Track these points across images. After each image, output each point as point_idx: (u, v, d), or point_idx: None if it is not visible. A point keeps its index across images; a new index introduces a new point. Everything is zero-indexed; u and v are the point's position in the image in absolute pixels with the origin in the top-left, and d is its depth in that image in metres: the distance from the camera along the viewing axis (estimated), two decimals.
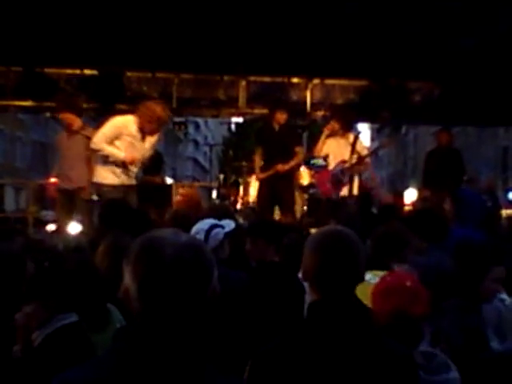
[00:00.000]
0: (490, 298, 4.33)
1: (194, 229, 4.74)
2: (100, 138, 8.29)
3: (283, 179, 9.75)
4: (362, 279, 2.87)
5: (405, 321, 3.16)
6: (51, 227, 9.85)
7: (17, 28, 9.83)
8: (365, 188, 10.73)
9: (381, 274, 3.67)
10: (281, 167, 9.77)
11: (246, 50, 10.23)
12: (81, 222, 8.29)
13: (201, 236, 4.58)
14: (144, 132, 8.35)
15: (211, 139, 72.91)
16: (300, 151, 10.30)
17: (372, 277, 3.65)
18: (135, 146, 8.33)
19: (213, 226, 4.72)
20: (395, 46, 10.08)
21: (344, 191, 9.78)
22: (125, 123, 8.38)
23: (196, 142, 74.08)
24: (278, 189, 9.71)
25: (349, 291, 2.79)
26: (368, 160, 10.11)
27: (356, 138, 10.03)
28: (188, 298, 1.96)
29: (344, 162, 9.88)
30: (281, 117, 9.88)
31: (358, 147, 9.88)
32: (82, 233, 7.34)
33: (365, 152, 9.97)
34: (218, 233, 4.69)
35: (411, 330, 3.18)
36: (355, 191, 9.87)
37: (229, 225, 4.82)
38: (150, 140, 8.51)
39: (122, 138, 8.29)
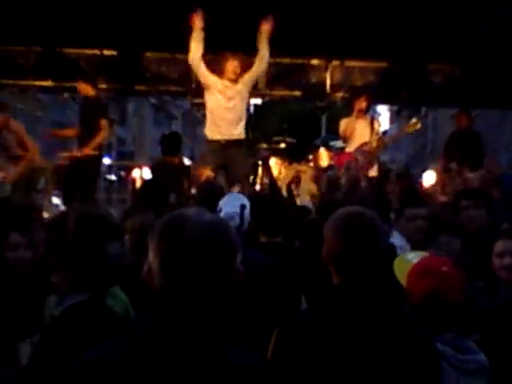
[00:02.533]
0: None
1: (226, 213, 4.73)
2: None
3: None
4: (383, 259, 2.87)
5: (437, 304, 3.16)
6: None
7: (36, 8, 9.83)
8: (383, 170, 10.73)
9: (422, 254, 3.68)
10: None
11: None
12: None
13: (236, 221, 4.60)
14: None
15: None
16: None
17: (414, 256, 3.65)
18: None
19: (242, 207, 4.72)
20: (416, 27, 10.00)
21: (363, 173, 9.80)
22: None
23: None
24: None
25: (371, 272, 2.79)
26: (388, 141, 10.14)
27: (372, 118, 10.08)
28: (208, 275, 1.99)
29: (365, 144, 9.90)
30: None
31: (376, 127, 9.92)
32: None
33: (380, 131, 10.02)
34: (247, 213, 4.70)
35: (443, 314, 3.17)
36: (374, 173, 9.89)
37: (247, 203, 4.83)
38: None
39: None
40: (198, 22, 9.16)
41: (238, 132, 9.29)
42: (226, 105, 9.17)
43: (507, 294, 4.32)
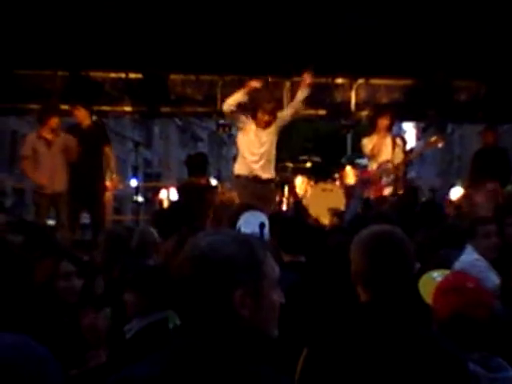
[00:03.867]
0: None
1: (245, 232, 4.73)
2: None
3: None
4: (411, 278, 2.85)
5: (463, 321, 3.11)
6: None
7: (62, 32, 9.93)
8: (408, 187, 10.70)
9: (447, 272, 3.64)
10: None
11: (290, 51, 10.22)
12: None
13: None
14: None
15: None
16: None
17: (438, 275, 3.61)
18: None
19: (261, 226, 4.72)
20: (441, 44, 9.98)
21: (387, 191, 9.77)
22: None
23: None
24: None
25: (399, 291, 2.77)
26: (412, 157, 10.12)
27: (394, 136, 10.08)
28: None
29: (388, 161, 9.88)
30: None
31: (399, 144, 9.92)
32: None
33: (405, 154, 9.99)
34: (266, 231, 4.71)
35: (470, 332, 3.12)
36: (400, 190, 9.85)
37: (266, 221, 4.84)
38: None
39: None
40: (248, 89, 9.23)
41: (268, 175, 9.39)
42: (257, 150, 9.29)
43: None
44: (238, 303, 1.95)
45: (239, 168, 9.42)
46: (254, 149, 9.28)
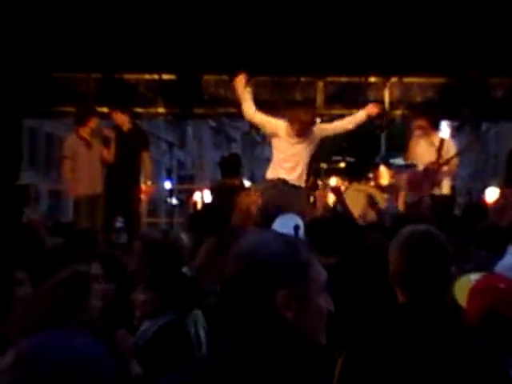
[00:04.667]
0: None
1: None
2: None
3: None
4: (449, 279, 2.82)
5: (496, 322, 3.06)
6: None
7: (95, 34, 9.98)
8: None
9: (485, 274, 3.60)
10: None
11: (323, 50, 10.18)
12: None
13: None
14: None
15: None
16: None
17: (475, 277, 3.56)
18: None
19: (296, 228, 4.71)
20: (475, 40, 9.88)
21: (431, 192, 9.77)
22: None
23: None
24: None
25: (437, 292, 2.74)
26: (455, 161, 10.06)
27: (442, 141, 9.99)
28: None
29: (433, 163, 9.86)
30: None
31: (444, 150, 9.83)
32: None
33: (454, 158, 9.92)
34: (301, 233, 4.69)
35: (504, 333, 3.07)
36: (446, 191, 9.82)
37: (301, 223, 4.82)
38: None
39: None
40: (240, 84, 9.21)
41: (299, 181, 9.37)
42: (292, 155, 9.23)
43: None
44: (281, 304, 1.93)
45: (271, 174, 9.39)
46: (285, 154, 9.22)
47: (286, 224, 4.85)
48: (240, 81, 9.34)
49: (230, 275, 1.99)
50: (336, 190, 10.88)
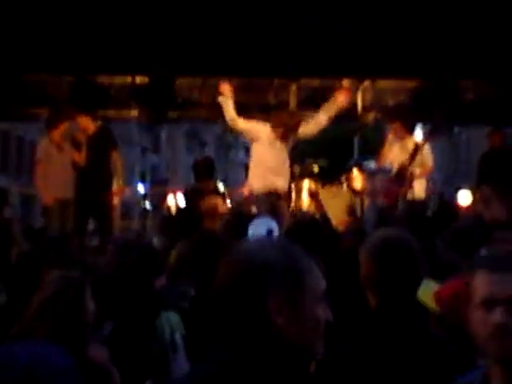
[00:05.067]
0: None
1: (251, 235, 4.71)
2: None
3: None
4: (420, 284, 2.83)
5: None
6: None
7: (67, 36, 9.94)
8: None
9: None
10: None
11: (296, 53, 10.19)
12: None
13: None
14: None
15: None
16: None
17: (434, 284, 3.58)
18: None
19: (269, 232, 4.69)
20: (447, 43, 9.95)
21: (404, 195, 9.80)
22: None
23: (247, 148, 74.36)
24: None
25: (407, 296, 2.75)
26: (429, 163, 10.10)
27: (416, 144, 10.02)
28: None
29: (402, 166, 9.90)
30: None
31: (419, 154, 9.87)
32: None
33: (428, 161, 9.96)
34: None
35: None
36: (420, 195, 9.85)
37: (275, 228, 4.80)
38: None
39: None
40: (226, 92, 9.24)
41: (282, 184, 9.32)
42: (273, 159, 9.22)
43: None
44: (273, 311, 1.92)
45: (254, 181, 9.38)
46: (270, 157, 9.22)
47: (259, 227, 4.83)
48: (225, 89, 9.34)
49: (225, 280, 1.98)
50: (314, 194, 10.89)
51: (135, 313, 3.67)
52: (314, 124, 9.59)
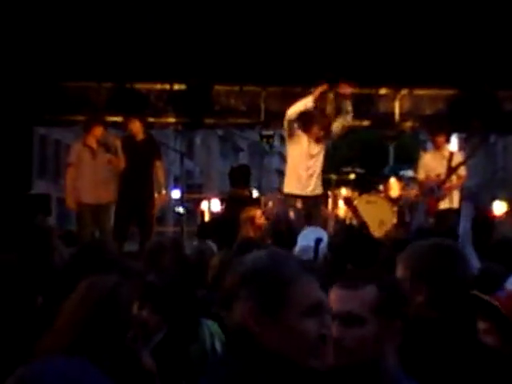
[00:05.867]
0: None
1: (300, 246, 4.74)
2: None
3: None
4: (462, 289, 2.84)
5: None
6: None
7: (107, 44, 10.03)
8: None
9: None
10: None
11: (334, 62, 10.20)
12: None
13: (310, 254, 4.59)
14: None
15: None
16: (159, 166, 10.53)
17: None
18: None
19: (318, 241, 4.71)
20: (486, 53, 9.90)
21: (443, 205, 9.77)
22: None
23: (281, 155, 74.34)
24: None
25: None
26: (463, 172, 10.06)
27: (451, 154, 10.00)
28: None
29: (439, 176, 9.86)
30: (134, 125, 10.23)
31: (455, 161, 9.84)
32: None
33: (462, 170, 9.93)
34: (323, 247, 4.69)
35: None
36: (455, 205, 9.81)
37: (325, 237, 4.82)
38: None
39: None
40: (316, 95, 9.27)
41: (316, 188, 9.40)
42: (308, 162, 9.26)
43: None
44: (248, 316, 1.94)
45: (289, 184, 9.40)
46: (305, 161, 9.25)
47: (308, 236, 4.85)
48: (320, 89, 9.40)
49: (222, 287, 2.11)
50: (348, 201, 10.89)
51: (179, 321, 3.70)
52: (339, 122, 9.58)
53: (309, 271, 2.05)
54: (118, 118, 11.26)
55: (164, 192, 10.97)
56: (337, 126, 9.51)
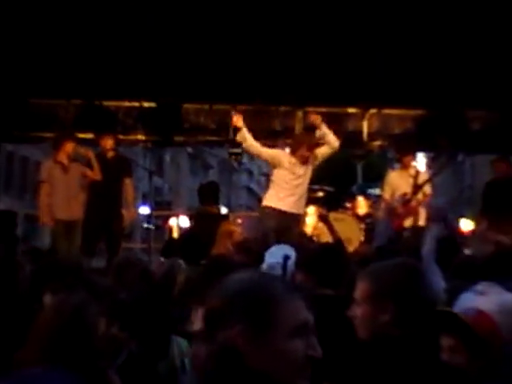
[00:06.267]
0: None
1: (268, 263, 4.75)
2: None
3: None
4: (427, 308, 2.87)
5: None
6: None
7: (76, 61, 10.02)
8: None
9: None
10: None
11: (303, 81, 10.27)
12: None
13: (278, 271, 4.60)
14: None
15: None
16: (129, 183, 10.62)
17: None
18: None
19: (285, 258, 4.72)
20: (454, 73, 10.02)
21: (408, 223, 9.80)
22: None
23: (250, 172, 74.44)
24: None
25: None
26: (428, 191, 10.12)
27: (417, 172, 10.07)
28: None
29: (405, 195, 9.91)
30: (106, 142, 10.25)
31: (420, 180, 9.90)
32: None
33: (427, 185, 9.99)
34: (291, 264, 4.69)
35: None
36: (421, 222, 9.86)
37: (293, 254, 4.82)
38: None
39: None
40: (239, 123, 9.29)
41: (299, 209, 9.39)
42: (293, 182, 9.25)
43: None
44: (237, 339, 1.93)
45: (269, 199, 9.39)
46: (290, 181, 9.23)
47: (276, 253, 4.86)
48: (238, 120, 9.38)
49: (206, 309, 2.06)
50: (324, 218, 10.93)
51: (149, 338, 3.70)
52: (328, 148, 9.54)
53: (295, 291, 2.05)
54: (87, 135, 11.23)
55: (133, 209, 10.98)
56: (324, 151, 9.50)
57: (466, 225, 13.16)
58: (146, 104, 11.47)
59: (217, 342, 1.96)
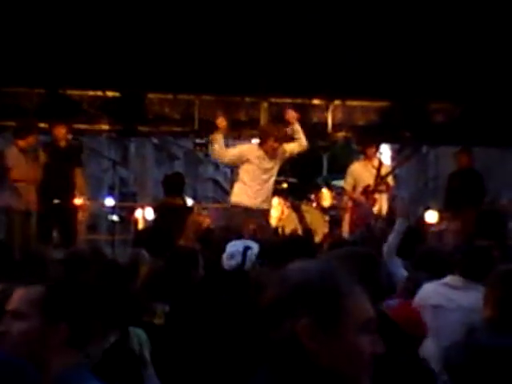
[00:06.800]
0: None
1: (228, 252, 4.75)
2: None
3: None
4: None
5: None
6: None
7: (39, 49, 9.93)
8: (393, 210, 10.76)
9: None
10: None
11: (267, 71, 10.26)
12: None
13: (238, 259, 4.60)
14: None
15: None
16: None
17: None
18: None
19: (246, 248, 4.72)
20: (417, 66, 10.08)
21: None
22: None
23: (216, 164, 74.31)
24: None
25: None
26: (391, 182, 10.18)
27: (380, 163, 10.12)
28: None
29: (368, 186, 9.96)
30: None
31: (383, 171, 9.96)
32: None
33: (389, 177, 10.05)
34: (252, 254, 4.70)
35: None
36: (383, 212, 9.92)
37: (255, 246, 4.83)
38: None
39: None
40: (222, 126, 9.25)
41: (265, 205, 9.40)
42: (261, 176, 9.24)
43: None
44: (303, 334, 1.82)
45: (237, 196, 9.37)
46: (258, 176, 9.21)
47: (236, 244, 4.86)
48: (222, 124, 9.35)
49: (266, 299, 1.91)
50: (297, 208, 10.95)
51: (109, 328, 3.68)
52: (298, 145, 9.50)
53: (358, 283, 1.94)
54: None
55: (86, 199, 10.90)
56: (293, 148, 9.48)
57: (432, 216, 13.24)
58: (109, 93, 11.41)
59: (281, 331, 1.84)
